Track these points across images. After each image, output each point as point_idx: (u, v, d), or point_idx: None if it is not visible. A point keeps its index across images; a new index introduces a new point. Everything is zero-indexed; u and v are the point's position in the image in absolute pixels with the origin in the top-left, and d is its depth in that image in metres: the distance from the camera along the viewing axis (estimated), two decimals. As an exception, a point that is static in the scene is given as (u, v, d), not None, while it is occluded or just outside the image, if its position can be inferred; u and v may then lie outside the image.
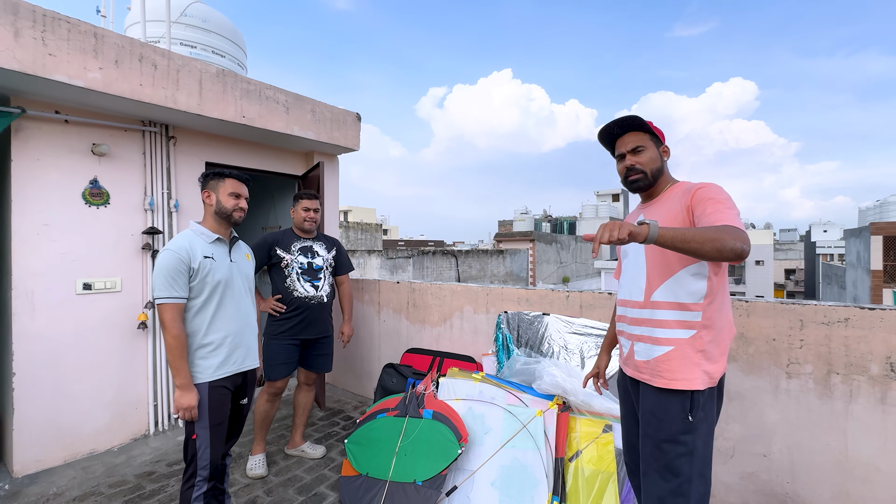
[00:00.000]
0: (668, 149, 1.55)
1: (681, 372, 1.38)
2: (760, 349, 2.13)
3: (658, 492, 1.41)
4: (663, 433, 1.40)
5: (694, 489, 1.37)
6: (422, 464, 2.32)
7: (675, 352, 1.40)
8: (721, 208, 1.31)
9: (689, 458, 1.37)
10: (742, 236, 1.19)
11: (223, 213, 1.91)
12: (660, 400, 1.41)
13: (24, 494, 2.47)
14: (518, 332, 2.89)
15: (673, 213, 1.42)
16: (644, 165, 1.50)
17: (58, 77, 2.39)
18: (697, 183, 1.43)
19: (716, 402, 1.44)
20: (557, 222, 43.15)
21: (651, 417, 1.44)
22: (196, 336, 1.79)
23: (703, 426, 1.38)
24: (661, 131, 1.54)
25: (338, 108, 4.00)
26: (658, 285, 1.44)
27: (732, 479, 2.20)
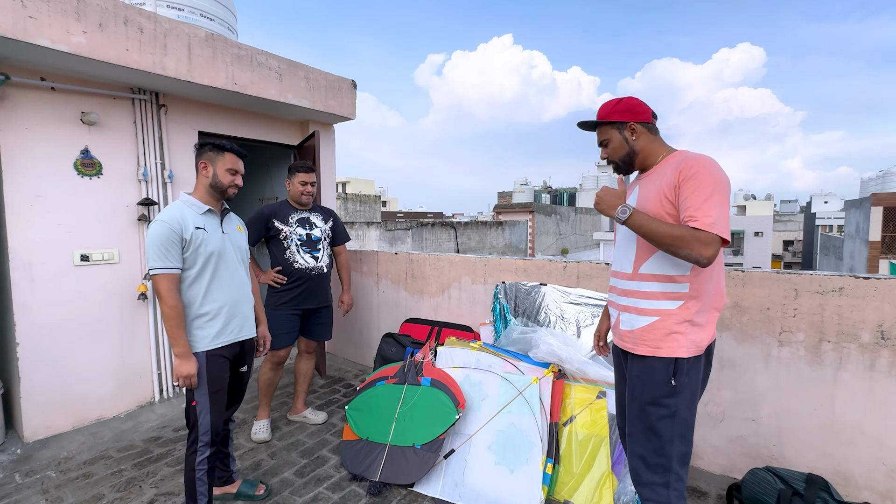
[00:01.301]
0: (635, 127, 1.51)
1: (664, 341, 1.43)
2: (754, 318, 2.16)
3: (641, 451, 1.50)
4: (647, 396, 1.46)
5: (675, 449, 1.44)
6: (420, 428, 2.39)
7: (661, 322, 1.44)
8: (700, 201, 1.30)
9: (670, 421, 1.44)
10: (702, 245, 1.26)
11: (218, 187, 1.89)
12: (645, 365, 1.47)
13: (35, 458, 2.56)
14: (515, 303, 2.91)
15: (662, 187, 1.41)
16: (611, 156, 1.58)
17: (40, 41, 2.31)
18: (688, 157, 1.40)
19: (703, 368, 1.47)
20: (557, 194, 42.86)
21: (637, 381, 1.50)
22: (192, 306, 1.80)
23: (686, 391, 1.43)
24: (623, 112, 1.52)
25: (332, 74, 3.89)
26: (646, 258, 1.47)
27: (721, 442, 2.27)
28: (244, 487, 2.17)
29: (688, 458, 1.48)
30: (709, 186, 1.31)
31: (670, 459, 1.45)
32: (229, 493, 2.15)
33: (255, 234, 2.69)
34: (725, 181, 1.34)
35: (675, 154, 1.48)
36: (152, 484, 2.30)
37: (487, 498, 2.13)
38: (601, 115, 1.56)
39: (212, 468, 1.84)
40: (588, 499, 2.09)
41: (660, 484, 1.47)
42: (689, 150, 1.46)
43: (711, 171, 1.34)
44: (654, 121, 1.54)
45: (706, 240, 1.26)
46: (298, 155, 4.10)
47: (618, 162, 1.57)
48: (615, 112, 1.53)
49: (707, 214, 1.28)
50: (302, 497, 2.19)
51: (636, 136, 1.52)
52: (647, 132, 1.52)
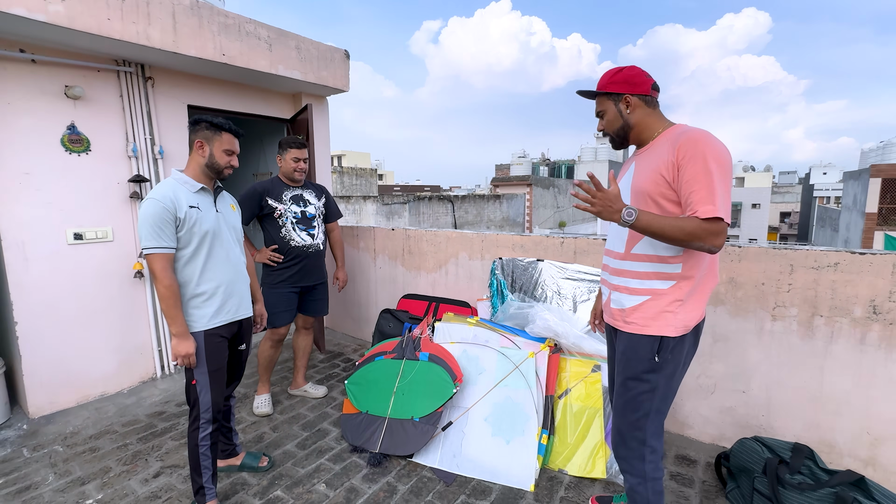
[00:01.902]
0: (630, 100, 1.46)
1: (654, 319, 1.43)
2: (749, 293, 2.17)
3: (619, 425, 1.57)
4: (630, 371, 1.50)
5: (650, 423, 1.50)
6: (419, 402, 2.44)
7: (651, 301, 1.44)
8: (704, 188, 1.26)
9: (650, 395, 1.48)
10: (713, 236, 1.25)
11: (214, 167, 1.85)
12: (631, 342, 1.49)
13: (42, 433, 2.61)
14: (512, 278, 2.92)
15: (658, 165, 1.37)
16: (606, 128, 1.54)
17: (15, 10, 2.20)
18: (685, 134, 1.34)
19: (688, 347, 1.48)
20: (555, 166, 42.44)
21: (622, 357, 1.53)
22: (188, 286, 1.78)
23: (668, 367, 1.45)
24: (620, 83, 1.47)
25: (324, 44, 3.76)
26: (639, 238, 1.45)
27: (712, 413, 2.34)
28: (248, 460, 2.22)
29: (661, 431, 1.54)
30: (711, 170, 1.26)
31: (645, 433, 1.50)
32: (233, 465, 2.21)
33: (249, 212, 2.66)
34: (726, 159, 1.30)
35: (671, 129, 1.43)
36: (158, 457, 2.36)
37: (484, 468, 2.20)
38: (600, 84, 1.51)
39: (214, 443, 1.88)
40: (582, 468, 2.16)
41: (636, 457, 1.53)
42: (687, 125, 1.41)
43: (712, 150, 1.29)
44: (653, 93, 1.47)
45: (716, 230, 1.25)
46: (291, 129, 4.01)
47: (613, 135, 1.54)
48: (612, 83, 1.48)
49: (713, 202, 1.25)
50: (304, 468, 2.26)
51: (631, 110, 1.47)
52: (643, 105, 1.47)
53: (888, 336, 1.87)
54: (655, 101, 1.49)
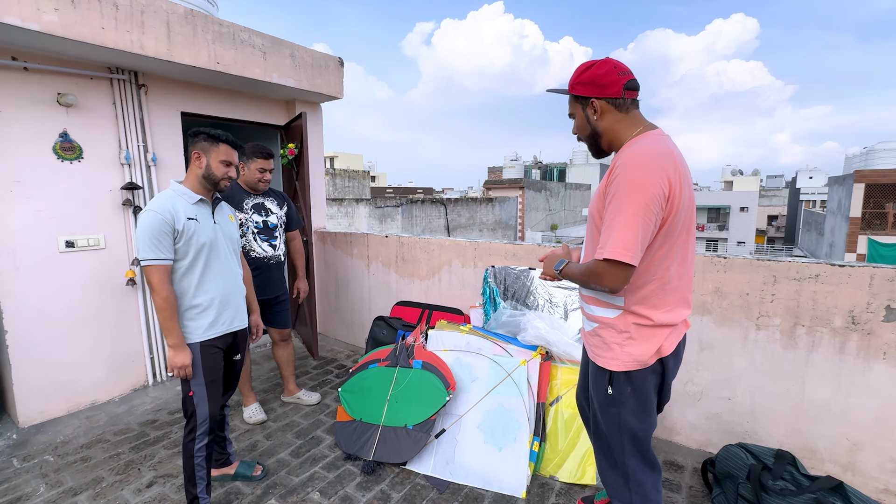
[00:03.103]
0: (597, 105, 1.30)
1: (602, 349, 1.40)
2: (734, 303, 2.24)
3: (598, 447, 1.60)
4: (597, 398, 1.47)
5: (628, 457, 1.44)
6: (412, 410, 2.46)
7: (600, 329, 1.41)
8: (608, 224, 1.21)
9: (617, 429, 1.42)
10: (599, 275, 1.23)
11: (211, 179, 1.85)
12: (593, 369, 1.48)
13: (32, 443, 2.59)
14: (505, 286, 2.96)
15: (601, 187, 1.32)
16: (577, 134, 1.42)
17: (9, 20, 2.20)
18: (625, 150, 1.26)
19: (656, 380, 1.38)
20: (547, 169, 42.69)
21: (591, 383, 1.51)
22: (184, 298, 1.79)
23: (629, 402, 1.37)
24: (586, 84, 1.31)
25: (319, 52, 3.78)
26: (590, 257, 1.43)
27: (699, 419, 2.39)
28: (242, 468, 2.23)
29: (645, 468, 1.45)
30: (619, 204, 1.18)
31: (625, 466, 1.46)
32: (227, 474, 2.21)
33: None
34: (644, 192, 1.17)
35: (631, 141, 1.29)
36: (151, 466, 2.36)
37: (477, 475, 2.23)
38: (570, 82, 1.35)
39: (209, 454, 1.89)
40: (572, 474, 2.21)
41: (621, 485, 1.50)
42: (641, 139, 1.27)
43: (629, 181, 1.18)
44: (626, 94, 1.28)
45: (606, 272, 1.21)
46: (285, 135, 4.02)
47: (584, 142, 1.41)
48: (578, 83, 1.32)
49: (607, 243, 1.19)
50: (298, 477, 2.27)
51: (598, 115, 1.32)
52: (612, 110, 1.30)
53: (866, 346, 1.94)
54: (629, 104, 1.31)
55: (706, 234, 33.57)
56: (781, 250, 31.94)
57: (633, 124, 1.31)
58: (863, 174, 16.28)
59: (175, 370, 1.75)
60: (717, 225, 33.94)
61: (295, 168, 3.81)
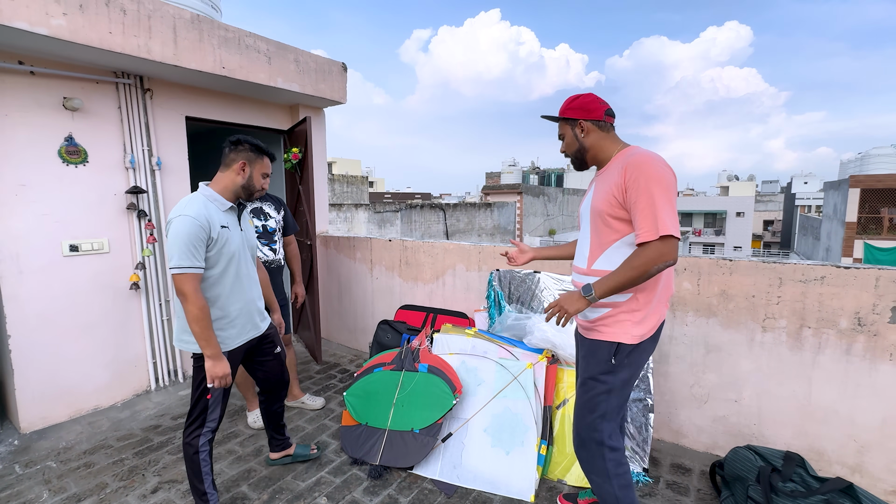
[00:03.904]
0: (584, 125, 1.58)
1: (612, 327, 1.56)
2: (740, 305, 2.25)
3: (578, 428, 1.67)
4: (588, 372, 1.63)
5: (606, 424, 1.60)
6: (418, 414, 2.46)
7: (611, 312, 1.55)
8: (647, 214, 1.38)
9: (606, 396, 1.59)
10: (660, 253, 1.37)
11: (249, 189, 1.83)
12: (592, 346, 1.62)
13: (34, 449, 2.56)
14: (510, 290, 2.97)
15: (611, 186, 1.49)
16: (566, 150, 1.67)
17: (18, 24, 2.21)
18: (630, 158, 1.46)
19: (645, 351, 1.58)
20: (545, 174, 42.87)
21: (583, 360, 1.68)
22: (213, 307, 1.75)
23: (624, 371, 1.56)
24: (576, 109, 1.59)
25: (322, 57, 3.80)
26: (598, 255, 1.58)
27: (705, 422, 2.39)
28: (300, 449, 2.41)
29: (621, 431, 1.66)
30: (652, 192, 1.38)
31: (601, 434, 1.60)
32: (288, 455, 2.38)
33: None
34: (667, 179, 1.40)
35: (623, 151, 1.55)
36: (155, 472, 2.34)
37: (484, 479, 2.22)
38: (561, 110, 1.65)
39: (212, 449, 1.90)
40: (580, 478, 2.20)
41: (596, 457, 1.62)
42: (637, 148, 1.53)
43: (653, 173, 1.40)
44: (606, 119, 1.58)
45: (662, 249, 1.36)
46: (288, 140, 4.04)
47: (571, 157, 1.66)
48: (569, 109, 1.61)
49: (654, 224, 1.37)
50: (305, 482, 2.25)
51: (585, 134, 1.59)
52: (596, 130, 1.58)
53: (872, 347, 1.95)
54: (609, 126, 1.60)
55: (703, 239, 33.71)
56: (778, 254, 32.11)
57: (615, 141, 1.60)
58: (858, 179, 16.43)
59: (216, 381, 1.72)
60: (713, 230, 34.10)
61: (299, 173, 3.81)
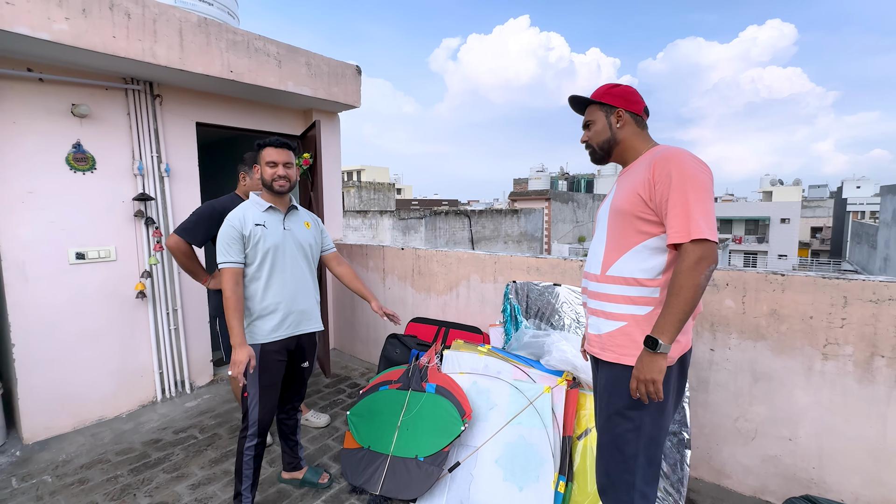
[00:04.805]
0: (622, 114, 1.44)
1: (631, 347, 1.35)
2: (794, 327, 1.93)
3: (605, 465, 1.45)
4: (612, 407, 1.41)
5: (639, 466, 1.37)
6: (424, 439, 2.25)
7: (629, 327, 1.36)
8: (678, 207, 1.23)
9: (635, 435, 1.37)
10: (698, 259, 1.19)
11: (265, 183, 1.96)
12: (612, 374, 1.41)
13: (34, 461, 2.51)
14: (527, 303, 2.72)
15: (636, 184, 1.35)
16: (590, 139, 1.51)
17: (19, 29, 2.18)
18: (660, 151, 1.33)
19: (675, 380, 1.39)
20: (575, 180, 42.04)
21: (604, 391, 1.45)
22: (252, 300, 1.91)
23: (652, 404, 1.35)
24: (616, 96, 1.45)
25: (335, 60, 3.70)
26: (614, 259, 1.40)
27: (752, 461, 2.07)
28: (309, 475, 2.29)
29: (656, 477, 1.42)
30: (685, 189, 1.23)
31: (634, 476, 1.39)
32: (296, 478, 2.28)
33: (205, 233, 2.41)
34: (701, 176, 1.25)
35: (651, 149, 1.42)
36: (146, 492, 2.23)
37: (494, 518, 1.98)
38: (595, 93, 1.50)
39: (258, 455, 1.96)
40: (604, 522, 1.92)
41: (624, 502, 1.42)
42: (670, 147, 1.37)
43: (686, 168, 1.25)
44: (644, 115, 1.47)
45: (704, 251, 1.20)
46: (302, 145, 3.95)
47: (596, 147, 1.50)
48: (608, 94, 1.47)
49: (687, 224, 1.22)
50: (298, 511, 2.08)
51: (621, 124, 1.45)
52: (633, 123, 1.45)
53: (967, 383, 1.60)
54: (645, 124, 1.48)
55: (744, 247, 31.99)
56: (828, 264, 30.05)
57: (646, 140, 1.46)
58: (920, 183, 15.08)
59: (234, 366, 1.80)
60: (755, 237, 32.32)
61: (309, 178, 3.71)
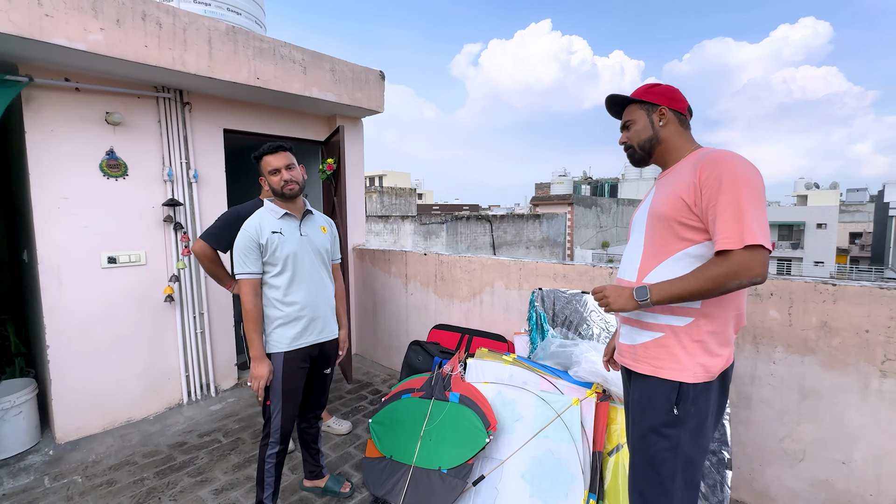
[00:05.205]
0: (665, 112, 1.36)
1: (668, 360, 1.28)
2: (848, 342, 1.78)
3: (640, 486, 1.37)
4: (647, 424, 1.33)
5: (677, 489, 1.29)
6: (447, 450, 2.18)
7: (666, 339, 1.29)
8: (729, 211, 1.13)
9: (672, 454, 1.29)
10: (746, 266, 1.10)
11: (275, 192, 1.93)
12: (647, 388, 1.33)
13: (66, 460, 2.57)
14: (554, 311, 2.64)
15: (679, 188, 1.26)
16: (630, 139, 1.44)
17: (57, 40, 2.24)
18: (708, 154, 1.23)
19: (715, 397, 1.31)
20: (598, 184, 41.35)
21: (637, 406, 1.38)
22: (274, 308, 1.88)
23: (691, 421, 1.27)
24: (658, 94, 1.39)
25: (359, 66, 3.71)
26: (652, 267, 1.31)
27: (801, 485, 1.92)
28: (331, 483, 2.26)
29: (694, 501, 1.32)
30: (738, 191, 1.14)
31: (671, 499, 1.31)
32: (318, 486, 2.26)
33: (230, 238, 2.36)
34: (755, 179, 1.16)
35: (697, 151, 1.33)
36: (171, 496, 2.24)
37: (520, 536, 1.90)
38: (636, 92, 1.43)
39: (280, 463, 1.94)
40: (638, 546, 1.81)
41: None
42: (712, 147, 1.31)
43: (738, 171, 1.16)
44: (688, 115, 1.41)
45: (751, 261, 1.11)
46: (325, 151, 3.97)
47: (636, 147, 1.42)
48: (649, 92, 1.40)
49: (740, 230, 1.12)
50: (319, 521, 2.05)
51: (664, 123, 1.37)
52: (676, 122, 1.37)
53: None
54: (688, 124, 1.41)
55: (777, 254, 30.74)
56: (869, 271, 28.56)
57: (690, 141, 1.38)
58: (972, 185, 14.18)
59: (253, 381, 1.81)
60: (789, 243, 31.02)
61: (333, 183, 3.72)
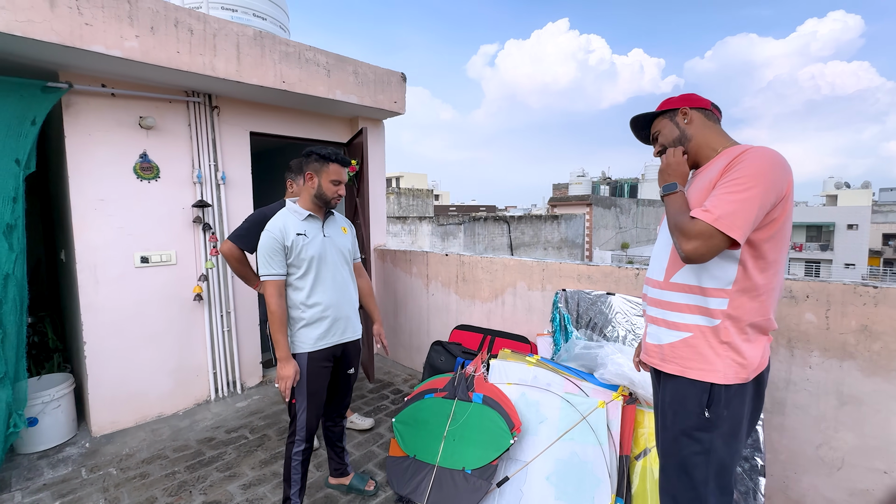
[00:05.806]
0: (688, 112, 1.38)
1: (696, 360, 1.26)
2: (890, 346, 1.72)
3: (672, 491, 1.34)
4: (678, 426, 1.31)
5: (710, 494, 1.26)
6: (471, 451, 2.18)
7: (694, 339, 1.27)
8: (724, 190, 1.16)
9: (704, 458, 1.27)
10: (689, 236, 1.17)
11: (322, 198, 1.94)
12: (677, 390, 1.31)
13: (101, 453, 2.66)
14: (578, 313, 2.61)
15: (708, 183, 1.25)
16: (663, 144, 1.45)
17: (95, 48, 2.33)
18: (742, 149, 1.23)
19: (750, 401, 1.27)
20: (617, 185, 40.74)
21: (668, 409, 1.35)
22: (297, 309, 1.90)
23: (724, 425, 1.25)
24: (678, 100, 1.41)
25: (381, 68, 3.74)
26: (680, 266, 1.31)
27: (839, 495, 1.86)
28: (355, 481, 2.29)
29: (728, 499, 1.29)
30: (738, 182, 1.15)
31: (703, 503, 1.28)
32: (343, 484, 2.28)
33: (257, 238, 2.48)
34: (768, 176, 1.15)
35: (735, 147, 1.30)
36: (202, 490, 2.30)
37: (546, 539, 1.88)
38: (658, 107, 1.47)
39: (306, 461, 1.97)
40: (667, 552, 1.78)
41: None
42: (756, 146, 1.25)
43: (755, 165, 1.17)
44: (715, 111, 1.40)
45: (695, 231, 1.15)
46: (348, 152, 4.02)
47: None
48: (666, 103, 1.44)
49: (718, 206, 1.15)
50: (345, 518, 2.07)
51: (689, 121, 1.38)
52: (701, 118, 1.38)
53: None
54: (715, 118, 1.40)
55: (805, 255, 29.75)
56: (904, 274, 27.39)
57: (722, 134, 1.37)
58: None
59: (279, 381, 1.83)
60: (818, 244, 30.00)
61: (355, 185, 3.76)
